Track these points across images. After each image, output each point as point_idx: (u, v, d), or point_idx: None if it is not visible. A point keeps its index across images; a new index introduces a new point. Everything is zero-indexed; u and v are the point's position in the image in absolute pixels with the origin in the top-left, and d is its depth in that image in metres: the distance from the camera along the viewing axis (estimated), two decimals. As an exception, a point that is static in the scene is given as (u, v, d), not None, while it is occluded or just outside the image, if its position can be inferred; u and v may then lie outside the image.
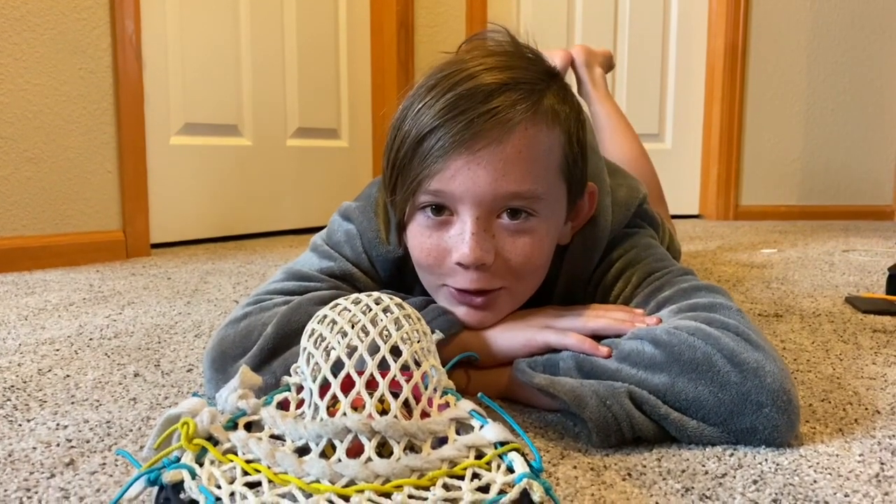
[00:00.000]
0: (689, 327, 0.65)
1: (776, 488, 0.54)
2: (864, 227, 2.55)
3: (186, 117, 1.97)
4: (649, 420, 0.62)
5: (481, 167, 0.66)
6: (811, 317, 1.13)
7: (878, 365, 0.87)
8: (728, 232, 2.38)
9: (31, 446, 0.62)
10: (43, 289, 1.34)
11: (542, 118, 0.68)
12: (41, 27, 1.56)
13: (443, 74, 0.68)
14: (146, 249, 1.78)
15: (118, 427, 0.67)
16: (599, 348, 0.67)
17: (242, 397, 0.51)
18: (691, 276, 0.76)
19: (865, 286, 1.41)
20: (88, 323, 1.07)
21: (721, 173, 2.79)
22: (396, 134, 0.70)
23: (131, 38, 1.71)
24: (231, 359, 0.69)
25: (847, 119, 2.84)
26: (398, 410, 0.48)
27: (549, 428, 0.66)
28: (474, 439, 0.47)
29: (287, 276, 0.79)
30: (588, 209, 0.78)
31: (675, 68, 2.82)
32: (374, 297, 0.57)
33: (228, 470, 0.44)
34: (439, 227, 0.70)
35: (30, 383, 0.79)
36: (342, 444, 0.46)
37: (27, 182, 1.57)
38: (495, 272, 0.69)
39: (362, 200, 0.83)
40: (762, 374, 0.60)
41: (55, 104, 1.60)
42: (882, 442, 0.63)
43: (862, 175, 2.88)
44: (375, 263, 0.81)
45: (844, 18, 2.79)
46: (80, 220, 1.66)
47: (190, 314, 1.14)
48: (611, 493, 0.53)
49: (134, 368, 0.85)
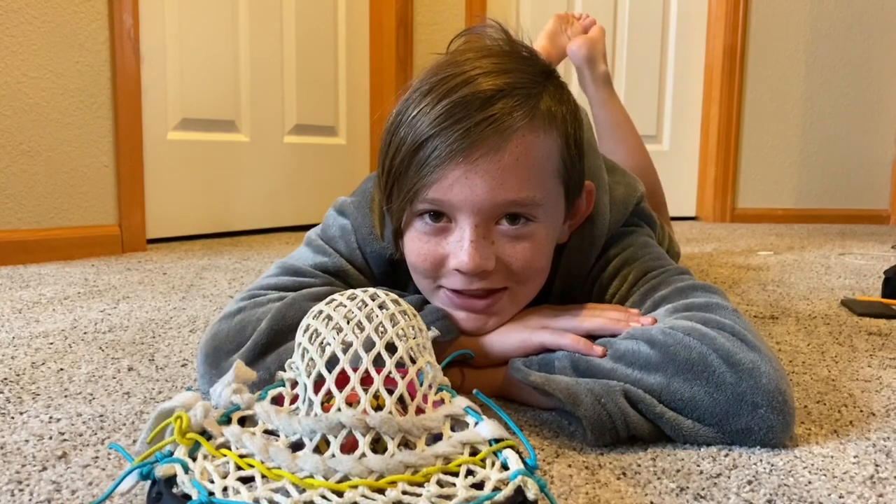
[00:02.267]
0: (685, 327, 0.64)
1: (771, 489, 0.54)
2: (860, 231, 2.55)
3: (184, 112, 1.96)
4: (644, 419, 0.61)
5: (479, 176, 0.65)
6: (807, 319, 1.13)
7: (874, 367, 0.87)
8: (725, 234, 2.38)
9: (24, 439, 0.61)
10: (37, 282, 1.33)
11: (540, 123, 0.67)
12: (38, 20, 1.56)
13: (438, 78, 0.67)
14: (142, 244, 1.77)
15: (111, 421, 0.66)
16: (594, 348, 0.67)
17: (236, 392, 0.50)
18: (688, 276, 0.76)
19: (861, 289, 1.41)
20: (83, 317, 1.07)
21: (718, 175, 2.80)
22: (391, 140, 0.69)
23: (129, 32, 1.70)
24: (225, 354, 0.69)
25: (844, 123, 2.85)
26: (393, 406, 0.48)
27: (543, 426, 0.66)
28: (469, 436, 0.47)
29: (281, 270, 0.79)
30: (586, 208, 0.77)
31: (674, 70, 2.82)
32: (370, 292, 0.56)
33: (222, 464, 0.44)
34: (437, 233, 0.69)
35: (23, 376, 0.79)
36: (336, 439, 0.45)
37: (23, 175, 1.56)
38: (496, 277, 0.69)
39: (358, 196, 0.83)
40: (758, 375, 0.60)
41: (52, 97, 1.59)
42: (877, 444, 0.63)
43: (859, 179, 2.89)
44: (369, 260, 0.80)
45: (843, 22, 2.79)
46: (75, 215, 1.65)
47: (185, 309, 1.14)
48: (605, 492, 0.53)
49: (128, 363, 0.85)
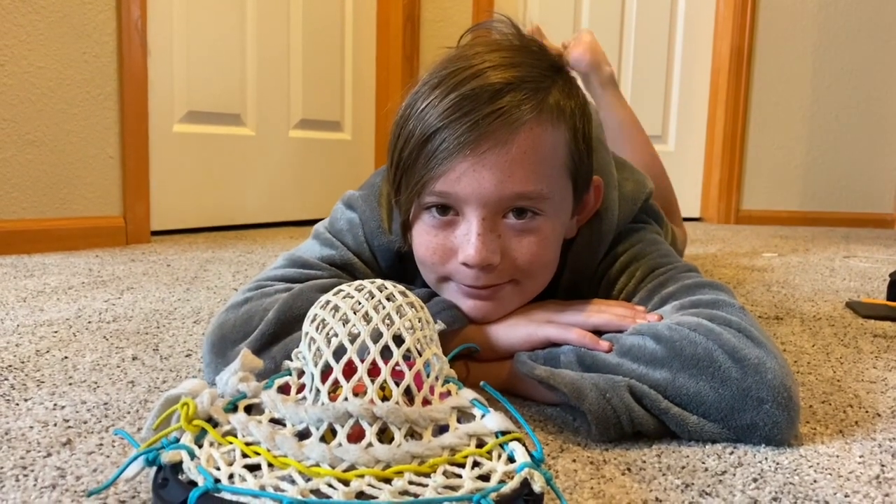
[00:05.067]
0: (691, 323, 0.64)
1: (776, 487, 0.54)
2: (864, 235, 2.55)
3: (190, 105, 1.96)
4: (649, 414, 0.61)
5: (487, 169, 0.65)
6: (812, 320, 1.13)
7: (879, 369, 0.87)
8: (729, 236, 2.37)
9: (28, 425, 0.61)
10: (42, 272, 1.33)
11: (548, 117, 0.67)
12: (46, 10, 1.56)
13: (447, 72, 0.67)
14: (146, 236, 1.78)
15: (116, 409, 0.66)
16: (600, 343, 0.67)
17: (243, 380, 0.50)
18: (695, 273, 0.76)
19: (866, 292, 1.41)
20: (87, 306, 1.07)
21: (723, 177, 2.79)
22: (400, 133, 0.69)
23: (137, 23, 1.70)
24: (231, 343, 0.69)
25: (850, 126, 2.84)
26: (400, 397, 0.48)
27: (548, 421, 0.66)
28: (475, 428, 0.47)
29: (288, 262, 0.79)
30: (594, 203, 0.77)
31: (681, 70, 2.82)
32: (378, 283, 0.56)
33: (228, 452, 0.44)
34: (445, 226, 0.69)
35: (27, 364, 0.79)
36: (343, 428, 0.45)
37: (28, 165, 1.56)
38: (502, 271, 0.69)
39: (366, 189, 0.83)
40: (763, 371, 0.60)
41: (58, 88, 1.59)
42: (882, 444, 0.63)
43: (864, 182, 2.88)
44: (377, 253, 0.80)
45: (851, 26, 2.78)
46: (80, 205, 1.65)
47: (189, 300, 1.14)
48: (610, 487, 0.53)
49: (132, 352, 0.85)
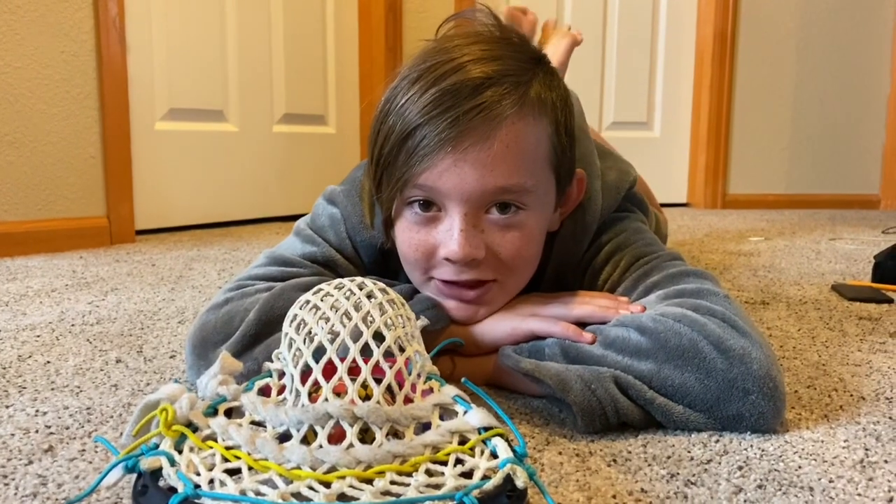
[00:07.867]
0: (675, 314, 0.64)
1: (761, 474, 0.54)
2: (850, 216, 2.56)
3: (171, 102, 1.94)
4: (634, 405, 0.61)
5: (468, 164, 0.64)
6: (797, 304, 1.14)
7: (864, 352, 0.87)
8: (716, 220, 2.38)
9: (10, 433, 0.61)
10: (25, 275, 1.32)
11: (529, 110, 0.67)
12: (22, 8, 1.54)
13: (426, 65, 0.66)
14: (131, 236, 1.76)
15: (98, 413, 0.66)
16: (584, 335, 0.66)
17: (223, 383, 0.50)
18: (680, 262, 0.76)
19: (851, 274, 1.41)
20: (70, 309, 1.06)
21: (709, 162, 2.80)
22: (380, 129, 0.68)
23: (115, 20, 1.68)
24: (212, 345, 0.68)
25: (835, 108, 2.85)
26: (381, 396, 0.48)
27: (534, 414, 0.66)
28: (458, 425, 0.47)
29: (269, 260, 0.78)
30: (577, 195, 0.77)
31: (664, 56, 2.82)
32: (358, 282, 0.56)
33: (208, 457, 0.44)
34: (427, 222, 0.69)
35: (9, 369, 0.78)
36: (324, 430, 0.45)
37: (9, 167, 1.54)
38: (486, 267, 0.69)
39: (347, 184, 0.82)
40: (748, 361, 0.60)
41: (37, 87, 1.57)
42: (867, 428, 0.63)
43: (849, 164, 2.89)
44: (359, 249, 0.80)
45: (833, 7, 2.79)
46: (63, 206, 1.64)
47: (174, 300, 1.13)
48: (596, 479, 0.53)
49: (116, 355, 0.84)
